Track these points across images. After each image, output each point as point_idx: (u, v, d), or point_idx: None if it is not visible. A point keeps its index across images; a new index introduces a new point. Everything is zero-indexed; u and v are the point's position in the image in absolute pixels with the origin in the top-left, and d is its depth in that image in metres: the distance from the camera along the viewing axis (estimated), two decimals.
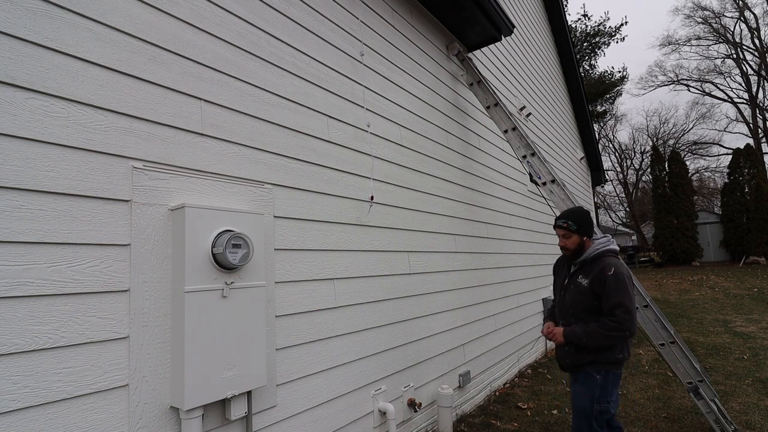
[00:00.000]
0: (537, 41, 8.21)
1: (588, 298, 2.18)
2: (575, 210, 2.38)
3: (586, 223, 2.30)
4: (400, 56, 3.53)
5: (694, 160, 33.98)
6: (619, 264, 2.19)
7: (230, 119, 2.03)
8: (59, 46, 1.47)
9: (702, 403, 3.01)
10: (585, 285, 2.20)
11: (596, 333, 2.11)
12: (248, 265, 1.84)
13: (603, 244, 2.28)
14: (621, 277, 2.12)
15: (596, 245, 2.28)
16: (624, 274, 2.15)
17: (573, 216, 2.32)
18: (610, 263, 2.18)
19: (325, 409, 2.32)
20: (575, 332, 2.17)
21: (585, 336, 2.13)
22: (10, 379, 1.26)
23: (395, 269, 3.04)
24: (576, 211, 2.36)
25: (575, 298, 2.24)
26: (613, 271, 2.14)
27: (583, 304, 2.20)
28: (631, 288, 2.15)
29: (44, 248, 1.37)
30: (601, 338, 2.10)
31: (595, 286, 2.16)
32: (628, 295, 2.10)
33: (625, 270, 2.19)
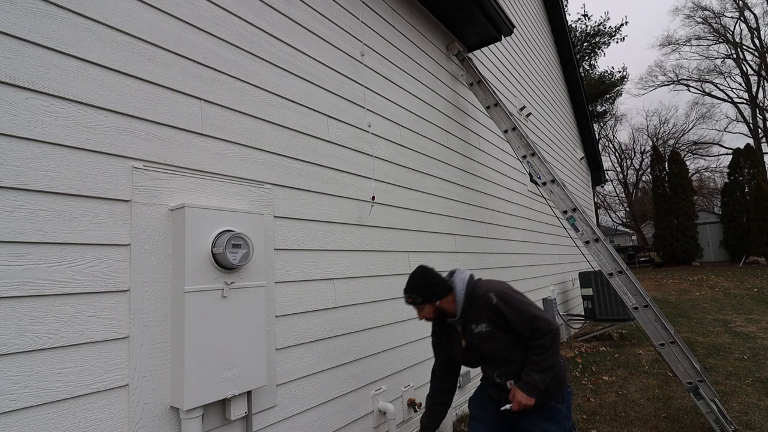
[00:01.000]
0: (537, 41, 8.21)
1: (500, 335, 1.88)
2: (413, 279, 2.00)
3: (431, 286, 1.95)
4: (400, 56, 3.53)
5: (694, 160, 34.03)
6: (490, 286, 1.93)
7: (230, 119, 2.03)
8: (59, 46, 1.47)
9: (702, 403, 3.01)
10: (486, 329, 1.89)
11: (542, 362, 1.81)
12: (248, 265, 1.84)
13: (463, 283, 1.97)
14: (505, 294, 1.88)
15: (459, 291, 1.95)
16: (502, 289, 1.90)
17: (414, 288, 1.97)
18: (485, 293, 1.90)
19: (325, 409, 2.32)
20: (534, 382, 1.81)
21: (540, 375, 1.81)
22: (10, 379, 1.26)
23: (395, 269, 3.03)
24: (414, 281, 1.99)
25: (490, 347, 1.91)
26: (494, 297, 1.87)
27: (502, 345, 1.89)
28: (519, 294, 1.92)
29: (44, 248, 1.37)
30: (549, 361, 1.81)
31: (497, 322, 1.88)
32: (523, 303, 1.87)
33: (500, 285, 1.94)
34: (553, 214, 5.79)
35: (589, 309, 6.67)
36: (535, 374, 1.81)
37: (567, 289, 7.44)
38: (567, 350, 5.98)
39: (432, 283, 1.96)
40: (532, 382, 1.81)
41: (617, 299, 6.22)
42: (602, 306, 6.50)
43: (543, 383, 1.81)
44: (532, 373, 1.82)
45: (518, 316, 1.84)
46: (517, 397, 1.82)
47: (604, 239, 3.58)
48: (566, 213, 3.77)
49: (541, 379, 1.81)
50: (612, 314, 6.41)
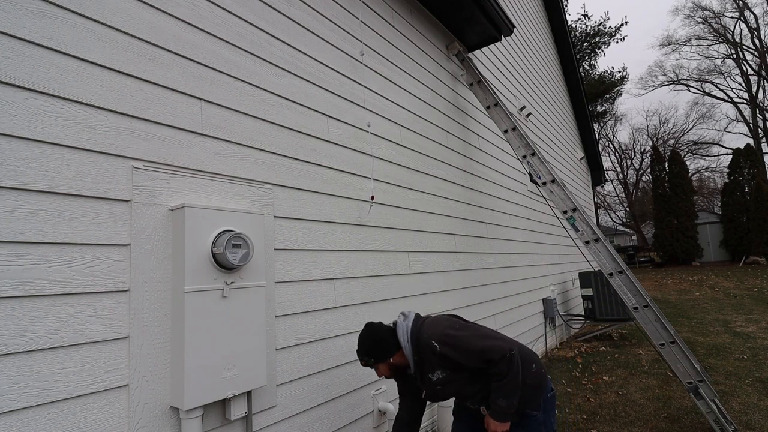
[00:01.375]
0: (537, 41, 8.21)
1: (458, 378, 1.85)
2: (361, 340, 1.97)
3: (378, 346, 1.92)
4: (400, 56, 3.53)
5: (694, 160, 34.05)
6: (431, 333, 1.84)
7: (230, 119, 2.03)
8: (59, 46, 1.47)
9: (702, 403, 3.01)
10: (442, 375, 1.85)
11: (504, 388, 1.77)
12: (248, 265, 1.84)
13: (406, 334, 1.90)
14: (447, 337, 1.81)
15: (404, 345, 1.90)
16: (443, 332, 1.83)
17: (363, 350, 1.95)
18: (428, 342, 1.83)
19: (325, 409, 2.32)
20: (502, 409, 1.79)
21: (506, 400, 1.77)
22: (10, 379, 1.26)
23: (395, 269, 3.03)
24: (362, 342, 1.96)
25: (451, 389, 1.89)
26: (437, 344, 1.80)
27: (461, 384, 1.87)
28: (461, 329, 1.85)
29: (44, 248, 1.37)
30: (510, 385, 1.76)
31: (449, 366, 1.83)
32: (469, 339, 1.81)
33: (440, 326, 1.86)
34: (553, 214, 5.79)
35: (589, 309, 6.67)
36: (501, 401, 1.78)
37: (567, 289, 7.44)
38: (567, 350, 5.98)
39: (379, 341, 1.93)
40: (500, 409, 1.79)
41: (617, 299, 6.22)
42: (602, 306, 6.51)
43: (512, 407, 1.79)
44: (497, 400, 1.79)
45: (466, 355, 1.79)
46: (491, 426, 1.83)
47: (604, 239, 3.58)
48: (566, 213, 3.77)
49: (507, 404, 1.78)
50: (612, 314, 6.41)
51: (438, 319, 1.94)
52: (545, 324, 5.94)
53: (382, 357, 1.93)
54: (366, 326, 2.01)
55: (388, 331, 1.97)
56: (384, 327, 1.99)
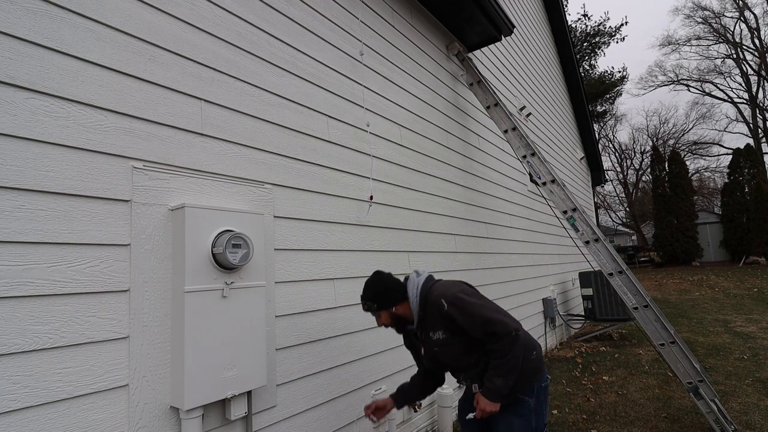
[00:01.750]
0: (537, 41, 8.21)
1: (456, 342, 1.81)
2: (367, 285, 1.97)
3: (385, 293, 1.92)
4: (400, 56, 3.53)
5: (694, 160, 34.06)
6: (441, 291, 1.82)
7: (230, 119, 2.03)
8: (59, 46, 1.47)
9: (702, 403, 3.01)
10: (442, 337, 1.83)
11: (503, 366, 1.71)
12: (248, 265, 1.84)
13: (416, 288, 1.89)
14: (457, 299, 1.77)
15: (412, 299, 1.89)
16: (454, 293, 1.79)
17: (368, 295, 1.94)
18: (436, 299, 1.80)
19: (325, 409, 2.32)
20: (496, 387, 1.73)
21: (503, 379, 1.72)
22: (10, 379, 1.26)
23: (395, 269, 3.03)
24: (369, 288, 1.95)
25: (447, 353, 1.85)
26: (445, 303, 1.77)
27: (458, 350, 1.83)
28: (472, 296, 1.81)
29: (44, 248, 1.37)
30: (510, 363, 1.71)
31: (451, 329, 1.80)
32: (478, 307, 1.76)
33: (453, 288, 1.83)
34: (553, 214, 5.79)
35: (589, 309, 6.67)
36: (497, 379, 1.72)
37: (567, 289, 7.44)
38: (567, 350, 5.98)
39: (386, 289, 1.92)
40: (494, 387, 1.73)
41: (617, 299, 6.22)
42: (602, 306, 6.51)
43: (506, 387, 1.73)
44: (493, 378, 1.73)
45: (471, 321, 1.74)
46: (480, 404, 1.76)
47: (604, 239, 3.58)
48: (566, 213, 3.77)
49: (503, 383, 1.72)
50: (612, 314, 6.41)
51: (452, 282, 1.90)
52: (545, 324, 5.94)
53: (385, 305, 1.92)
54: (374, 273, 2.00)
55: (396, 282, 1.96)
56: (392, 277, 1.98)
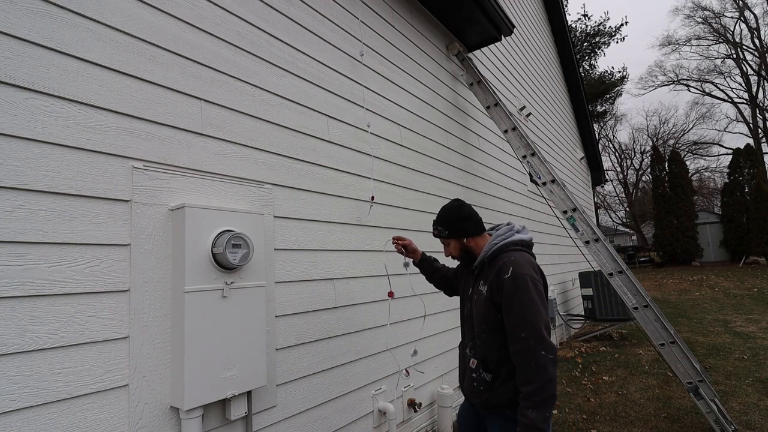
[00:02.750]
0: (537, 41, 8.21)
1: (489, 310, 1.66)
2: (443, 210, 1.87)
3: (459, 222, 1.79)
4: (400, 56, 3.53)
5: (694, 160, 34.05)
6: (520, 261, 1.63)
7: (230, 119, 2.03)
8: (59, 46, 1.47)
9: (702, 403, 3.01)
10: (484, 294, 1.68)
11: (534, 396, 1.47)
12: (248, 265, 1.84)
13: (502, 237, 1.75)
14: (522, 280, 1.57)
15: (493, 239, 1.76)
16: (526, 275, 1.58)
17: (441, 219, 1.84)
18: (508, 262, 1.64)
19: (325, 409, 2.32)
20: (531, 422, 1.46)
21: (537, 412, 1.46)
22: (10, 379, 1.26)
23: (396, 269, 3.03)
24: (444, 212, 1.86)
25: (477, 311, 1.72)
26: (510, 272, 1.59)
27: (486, 318, 1.67)
28: (539, 293, 1.58)
29: (44, 248, 1.37)
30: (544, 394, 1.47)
31: (494, 295, 1.64)
32: (533, 305, 1.54)
33: (530, 269, 1.62)
34: (553, 214, 5.78)
35: (589, 309, 6.67)
36: (531, 412, 1.46)
37: (567, 289, 7.44)
38: (567, 350, 5.97)
39: (462, 217, 1.79)
40: (530, 422, 1.45)
41: (617, 299, 6.22)
42: (602, 306, 6.51)
43: (544, 422, 1.46)
44: (527, 411, 1.47)
45: (511, 306, 1.57)
46: None
47: (604, 239, 3.58)
48: (566, 213, 3.77)
49: (539, 417, 1.45)
50: (612, 314, 6.41)
51: (534, 265, 1.68)
52: None
53: (458, 233, 1.80)
54: (454, 200, 1.89)
55: (475, 215, 1.84)
56: (472, 209, 1.85)
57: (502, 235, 1.77)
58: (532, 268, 1.64)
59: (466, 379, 1.79)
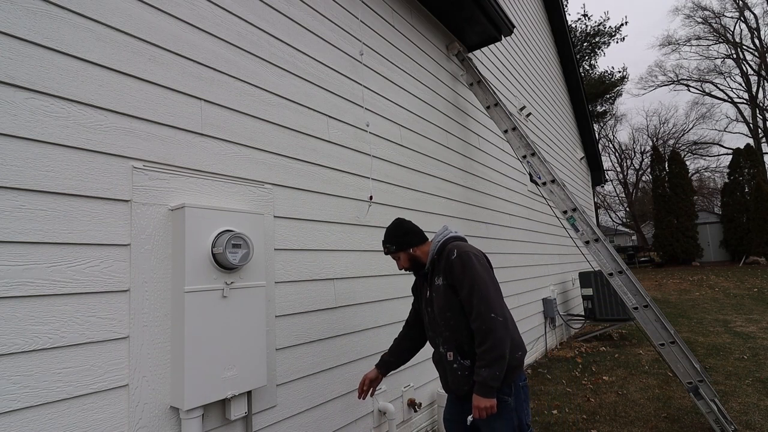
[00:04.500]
0: (537, 41, 8.21)
1: (448, 295, 1.80)
2: (387, 229, 2.05)
3: (403, 235, 1.99)
4: (400, 56, 3.53)
5: (694, 160, 34.07)
6: (461, 245, 1.85)
7: (230, 119, 2.03)
8: (59, 46, 1.47)
9: (702, 403, 3.01)
10: (441, 284, 1.83)
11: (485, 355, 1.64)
12: (248, 265, 1.84)
13: (441, 235, 1.96)
14: (467, 256, 1.76)
15: (435, 239, 1.97)
16: (468, 251, 1.79)
17: (387, 237, 2.02)
18: (451, 247, 1.84)
19: (325, 409, 2.32)
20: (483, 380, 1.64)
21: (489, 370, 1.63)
22: (10, 379, 1.26)
23: (396, 269, 3.03)
24: (388, 231, 2.03)
25: (438, 305, 1.84)
26: (455, 253, 1.79)
27: (448, 305, 1.80)
28: (483, 266, 1.77)
29: (44, 248, 1.37)
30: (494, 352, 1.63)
31: (448, 278, 1.80)
32: (480, 276, 1.71)
33: (469, 248, 1.83)
34: (553, 214, 5.78)
35: (589, 309, 6.67)
36: (483, 371, 1.63)
37: (567, 289, 7.44)
38: (567, 350, 5.98)
39: (405, 231, 2.01)
40: (482, 380, 1.64)
41: (617, 299, 6.22)
42: (602, 306, 6.51)
43: (495, 380, 1.62)
44: (480, 370, 1.65)
45: (463, 282, 1.73)
46: (474, 402, 1.67)
47: (604, 239, 3.58)
48: (566, 213, 3.77)
49: (490, 374, 1.62)
50: (612, 314, 6.41)
51: (474, 247, 1.88)
52: (545, 324, 5.94)
53: (403, 246, 1.99)
54: (395, 219, 2.09)
55: (415, 227, 2.05)
56: (412, 224, 2.06)
57: (441, 233, 1.99)
58: (470, 247, 1.86)
59: (449, 375, 1.87)
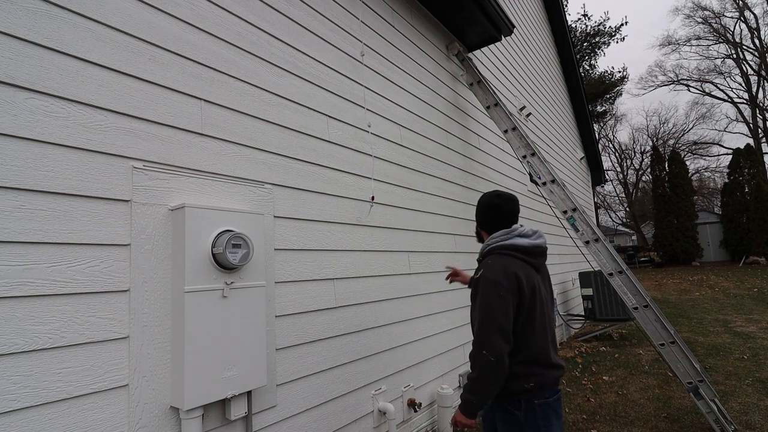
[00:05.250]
0: (537, 41, 8.21)
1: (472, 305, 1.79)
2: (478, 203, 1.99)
3: (478, 211, 1.96)
4: (400, 56, 3.53)
5: (694, 160, 34.04)
6: (492, 266, 1.73)
7: (230, 119, 2.03)
8: (59, 46, 1.47)
9: (702, 403, 3.01)
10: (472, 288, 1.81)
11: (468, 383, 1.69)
12: (248, 265, 1.84)
13: (495, 239, 1.83)
14: (485, 283, 1.68)
15: (488, 240, 1.86)
16: (491, 278, 1.68)
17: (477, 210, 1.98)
18: (484, 264, 1.77)
19: (325, 409, 2.32)
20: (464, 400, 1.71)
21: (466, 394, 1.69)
22: (10, 379, 1.26)
23: (395, 269, 3.03)
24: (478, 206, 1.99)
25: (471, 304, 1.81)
26: (480, 274, 1.72)
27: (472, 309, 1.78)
28: (499, 298, 1.65)
29: (44, 248, 1.37)
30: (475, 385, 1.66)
31: (472, 289, 1.79)
32: (483, 305, 1.66)
33: (500, 275, 1.68)
34: (553, 214, 5.78)
35: (589, 309, 6.66)
36: (463, 393, 1.72)
37: (567, 289, 7.44)
38: (567, 350, 5.98)
39: (481, 209, 1.95)
40: (463, 400, 1.71)
41: (617, 299, 6.22)
42: (602, 306, 6.51)
43: (471, 405, 1.68)
44: (464, 390, 1.72)
45: (474, 302, 1.73)
46: (455, 414, 1.75)
47: (604, 239, 3.58)
48: (566, 213, 3.77)
49: (466, 398, 1.69)
50: (612, 314, 6.41)
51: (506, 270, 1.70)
52: None
53: (478, 223, 2.00)
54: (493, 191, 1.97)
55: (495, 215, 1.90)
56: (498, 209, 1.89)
57: (497, 237, 1.84)
58: (504, 275, 1.69)
59: None
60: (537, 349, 1.71)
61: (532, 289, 1.72)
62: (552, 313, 1.87)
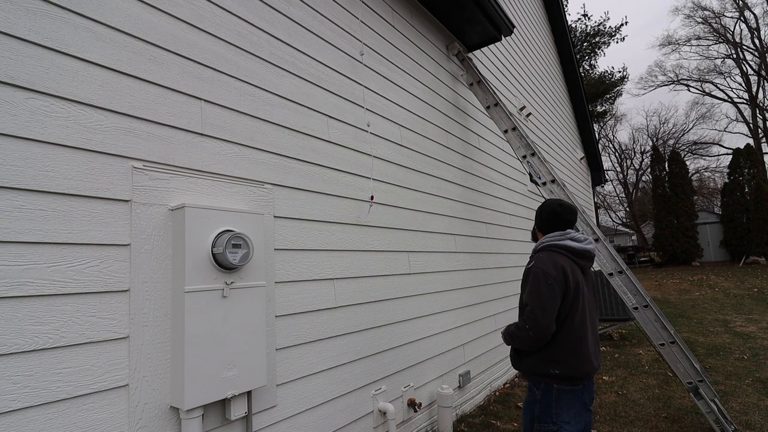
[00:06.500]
0: (537, 41, 8.21)
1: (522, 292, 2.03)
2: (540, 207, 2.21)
3: (538, 214, 2.17)
4: (400, 56, 3.53)
5: (694, 160, 34.03)
6: (544, 259, 1.95)
7: (230, 119, 2.03)
8: (59, 46, 1.47)
9: (702, 403, 3.01)
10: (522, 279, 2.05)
11: (512, 333, 1.97)
12: (248, 265, 1.84)
13: (550, 238, 2.04)
14: (535, 272, 1.90)
15: (543, 238, 2.08)
16: (540, 269, 1.90)
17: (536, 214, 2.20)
18: (536, 257, 1.99)
19: (325, 409, 2.32)
20: (507, 331, 2.04)
21: (509, 338, 2.01)
22: (10, 379, 1.26)
23: (395, 269, 3.03)
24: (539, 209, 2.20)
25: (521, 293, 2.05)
26: (532, 264, 1.96)
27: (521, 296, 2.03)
28: (546, 286, 1.87)
29: (44, 248, 1.37)
30: (513, 337, 1.97)
31: (523, 280, 2.02)
32: (535, 291, 1.87)
33: (550, 266, 1.90)
34: None
35: None
36: (507, 335, 2.02)
37: None
38: None
39: (540, 213, 2.14)
40: (505, 335, 2.05)
41: (617, 299, 6.21)
42: (602, 306, 6.50)
43: (505, 337, 2.04)
44: (508, 331, 2.03)
45: (523, 292, 1.96)
46: None
47: (604, 239, 3.58)
48: None
49: (507, 332, 2.03)
50: (612, 314, 6.41)
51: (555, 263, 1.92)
52: None
53: (536, 224, 2.20)
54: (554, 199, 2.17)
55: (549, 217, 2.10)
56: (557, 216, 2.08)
57: (552, 237, 2.04)
58: (553, 267, 1.90)
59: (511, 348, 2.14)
60: (575, 340, 1.88)
61: (576, 285, 1.92)
62: (595, 314, 2.07)
